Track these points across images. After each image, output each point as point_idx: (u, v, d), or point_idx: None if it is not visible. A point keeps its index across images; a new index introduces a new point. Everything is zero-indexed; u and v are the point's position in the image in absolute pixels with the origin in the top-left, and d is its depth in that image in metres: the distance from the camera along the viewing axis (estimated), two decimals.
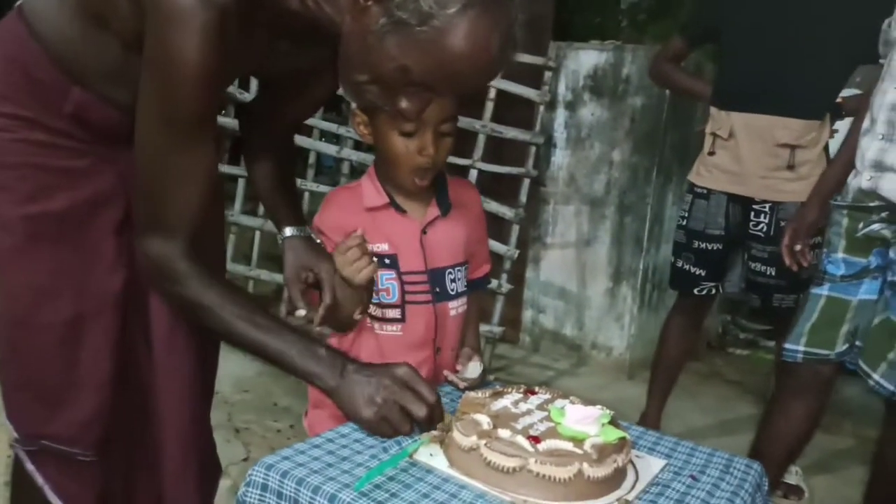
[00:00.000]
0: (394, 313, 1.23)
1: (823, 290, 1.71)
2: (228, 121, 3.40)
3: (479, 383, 1.24)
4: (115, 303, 1.14)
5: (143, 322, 1.18)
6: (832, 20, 2.03)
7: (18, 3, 1.09)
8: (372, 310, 1.22)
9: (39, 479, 1.14)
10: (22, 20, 1.06)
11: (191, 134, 0.97)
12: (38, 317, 1.10)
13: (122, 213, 1.13)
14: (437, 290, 1.25)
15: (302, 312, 1.16)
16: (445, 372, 1.26)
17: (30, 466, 1.14)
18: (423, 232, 1.24)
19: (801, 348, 1.73)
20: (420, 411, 0.99)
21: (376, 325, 1.24)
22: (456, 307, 1.29)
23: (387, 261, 1.22)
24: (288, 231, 1.24)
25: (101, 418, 1.15)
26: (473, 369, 1.25)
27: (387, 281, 1.22)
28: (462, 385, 1.23)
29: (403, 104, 0.96)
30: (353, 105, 1.15)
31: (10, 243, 1.08)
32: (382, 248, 1.21)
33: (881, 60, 1.71)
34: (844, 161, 1.75)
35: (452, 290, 1.27)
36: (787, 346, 1.76)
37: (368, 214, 1.22)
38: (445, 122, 1.15)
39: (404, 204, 1.24)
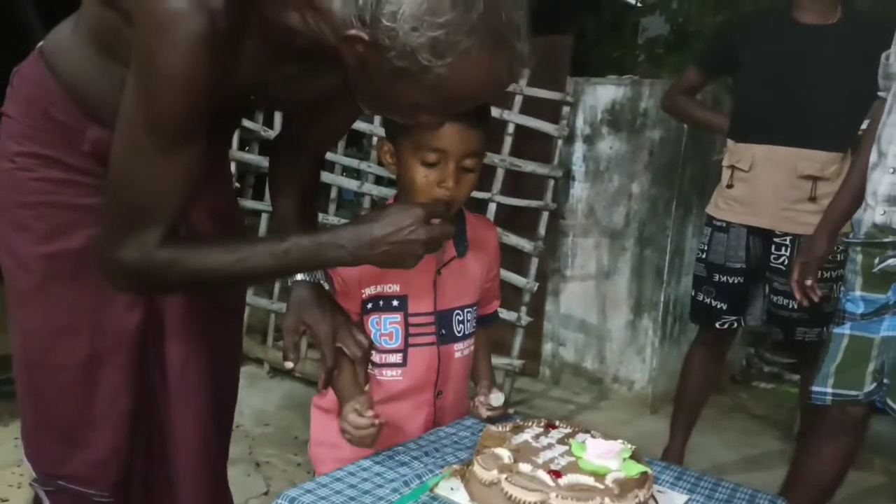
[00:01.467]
0: (394, 357, 1.20)
1: (845, 330, 1.69)
2: (252, 157, 3.47)
3: (502, 414, 1.24)
4: (131, 340, 1.13)
5: (158, 358, 1.18)
6: (852, 52, 2.03)
7: (39, 44, 1.11)
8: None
9: None
10: (42, 61, 1.08)
11: (173, 143, 0.92)
12: (56, 357, 1.10)
13: None
14: (443, 332, 1.23)
15: (290, 365, 1.12)
16: (474, 400, 1.26)
17: None
18: (438, 273, 1.22)
19: (830, 390, 1.70)
20: (434, 246, 1.03)
21: (374, 371, 1.21)
22: (461, 349, 1.26)
23: (394, 303, 1.18)
24: (298, 276, 1.16)
25: (118, 458, 1.15)
26: (497, 398, 1.25)
27: (390, 325, 1.19)
28: (486, 414, 1.22)
29: (424, 118, 0.97)
30: (382, 134, 1.19)
31: (30, 283, 1.09)
32: (393, 289, 1.19)
33: (880, 93, 1.71)
34: (850, 192, 1.75)
35: (459, 331, 1.25)
36: (814, 388, 1.73)
37: None
38: (469, 156, 1.13)
39: None
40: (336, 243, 1.00)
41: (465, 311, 1.26)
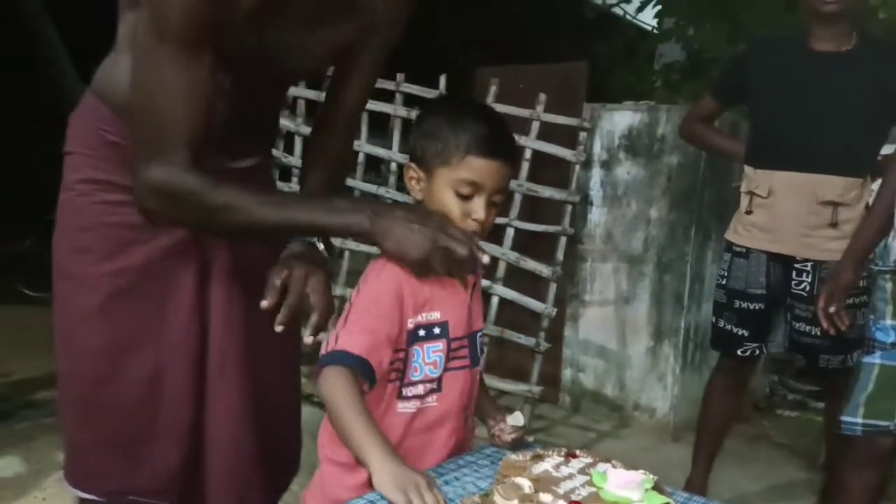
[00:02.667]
0: (431, 385, 1.19)
1: (875, 359, 1.67)
2: (276, 152, 3.49)
3: (523, 435, 1.24)
4: (193, 352, 1.16)
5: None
6: (868, 78, 2.04)
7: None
8: (415, 389, 1.17)
9: None
10: (92, 94, 1.15)
11: (183, 51, 0.96)
12: (122, 372, 1.13)
13: (198, 265, 1.16)
14: (473, 354, 1.24)
15: (264, 303, 1.07)
16: (493, 426, 1.25)
17: None
18: (471, 296, 1.24)
19: (860, 420, 1.68)
20: (463, 250, 1.05)
21: (415, 404, 1.17)
22: (479, 371, 1.28)
23: (436, 330, 1.18)
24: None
25: (186, 468, 1.16)
26: (516, 418, 1.25)
27: (433, 354, 1.18)
28: (511, 437, 1.22)
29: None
30: (409, 160, 1.19)
31: (94, 302, 1.13)
32: (434, 316, 1.18)
33: None
34: (877, 219, 1.73)
35: (480, 353, 1.28)
36: (844, 418, 1.70)
37: (424, 280, 1.16)
38: (500, 192, 1.17)
39: None
40: (356, 206, 1.07)
41: (481, 333, 1.29)
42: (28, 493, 2.31)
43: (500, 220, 3.02)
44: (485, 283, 2.97)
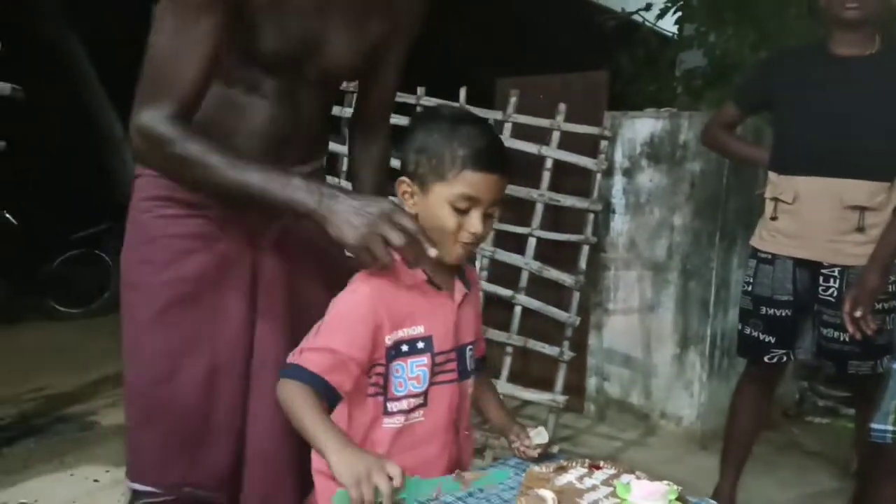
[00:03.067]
0: (417, 400, 1.18)
1: None
2: None
3: (547, 448, 1.24)
4: (244, 355, 1.24)
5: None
6: (892, 82, 2.01)
7: None
8: (399, 405, 1.16)
9: None
10: None
11: (189, 12, 1.06)
12: (180, 374, 1.21)
13: (249, 271, 1.24)
14: (461, 367, 1.23)
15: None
16: (515, 442, 1.25)
17: None
18: (459, 308, 1.22)
19: (891, 427, 1.65)
20: (398, 240, 1.06)
21: (400, 419, 1.16)
22: (470, 385, 1.27)
23: (420, 344, 1.17)
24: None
25: (239, 464, 1.23)
26: (540, 435, 1.24)
27: (417, 368, 1.16)
28: (534, 453, 1.22)
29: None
30: (402, 176, 1.18)
31: (155, 310, 1.21)
32: (417, 330, 1.17)
33: None
34: None
35: (470, 367, 1.26)
36: (874, 426, 1.68)
37: (407, 294, 1.16)
38: (496, 203, 1.17)
39: (437, 280, 1.20)
40: (308, 186, 1.08)
41: (471, 346, 1.27)
42: None
43: (521, 230, 3.03)
44: (507, 292, 2.98)
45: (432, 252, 1.10)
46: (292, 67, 1.21)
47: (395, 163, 1.26)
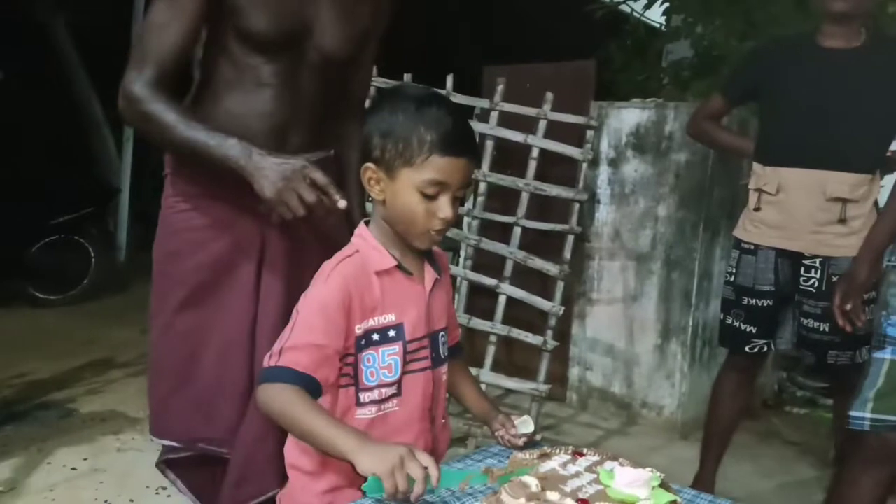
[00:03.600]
0: (389, 390, 1.15)
1: (886, 354, 1.65)
2: None
3: (532, 439, 1.23)
4: (250, 328, 1.37)
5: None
6: (878, 74, 2.03)
7: None
8: (371, 395, 1.14)
9: (180, 486, 1.48)
10: None
11: None
12: (203, 350, 1.38)
13: (257, 255, 1.38)
14: (434, 355, 1.20)
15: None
16: (499, 431, 1.24)
17: (171, 477, 1.48)
18: (430, 294, 1.19)
19: (868, 415, 1.66)
20: (310, 196, 1.18)
21: (372, 409, 1.14)
22: (444, 372, 1.24)
23: (391, 333, 1.14)
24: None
25: (240, 423, 1.36)
26: (525, 424, 1.23)
27: (388, 357, 1.14)
28: (520, 442, 1.21)
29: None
30: (368, 162, 1.14)
31: (181, 296, 1.37)
32: (389, 318, 1.14)
33: None
34: (893, 215, 1.72)
35: (444, 353, 1.23)
36: (853, 413, 1.69)
37: (377, 282, 1.14)
38: (465, 187, 1.15)
39: (407, 266, 1.18)
40: (243, 146, 1.22)
41: (443, 333, 1.24)
42: (39, 493, 2.34)
43: (506, 219, 3.03)
44: (492, 281, 2.98)
45: (342, 203, 1.20)
46: (286, 50, 1.31)
47: None
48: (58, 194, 5.23)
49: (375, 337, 1.13)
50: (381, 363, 1.14)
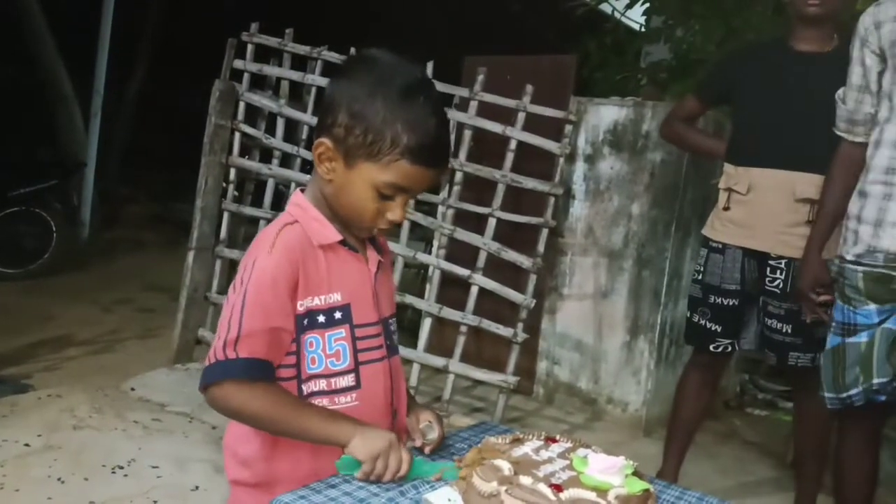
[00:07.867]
0: (346, 380, 1.04)
1: (862, 338, 1.69)
2: (252, 164, 3.47)
3: (437, 446, 1.12)
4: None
5: None
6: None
7: None
8: (315, 385, 1.04)
9: None
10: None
11: None
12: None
13: None
14: (388, 343, 1.11)
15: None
16: (414, 440, 1.13)
17: None
18: (375, 277, 1.10)
19: (832, 394, 1.73)
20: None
21: (325, 401, 1.04)
22: (400, 362, 1.16)
23: (337, 315, 1.03)
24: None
25: None
26: (432, 430, 1.12)
27: (335, 343, 1.03)
28: (427, 450, 1.11)
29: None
30: (325, 137, 1.01)
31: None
32: (334, 298, 1.03)
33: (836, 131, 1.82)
34: (823, 214, 1.84)
35: (396, 341, 1.16)
36: (826, 395, 1.75)
37: (322, 256, 1.04)
38: (423, 192, 1.08)
39: (350, 242, 1.08)
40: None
41: (393, 320, 1.16)
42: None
43: (481, 210, 3.02)
44: (465, 272, 2.96)
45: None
46: None
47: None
48: (19, 165, 5.07)
49: (321, 318, 1.02)
50: (328, 350, 1.03)
